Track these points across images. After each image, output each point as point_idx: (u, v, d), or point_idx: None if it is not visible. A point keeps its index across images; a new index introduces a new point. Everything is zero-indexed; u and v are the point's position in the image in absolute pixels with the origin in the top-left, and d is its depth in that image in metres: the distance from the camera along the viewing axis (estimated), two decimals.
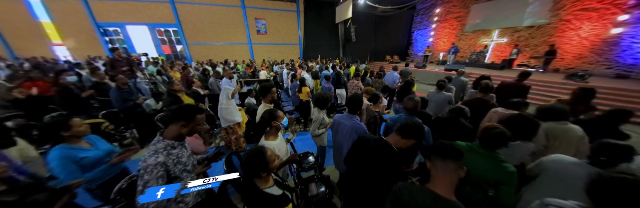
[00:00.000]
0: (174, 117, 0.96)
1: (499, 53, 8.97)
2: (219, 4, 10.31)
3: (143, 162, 0.89)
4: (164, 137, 0.96)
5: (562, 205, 0.72)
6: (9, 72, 3.91)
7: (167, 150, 0.93)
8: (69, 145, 1.09)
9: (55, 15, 8.47)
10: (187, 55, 10.67)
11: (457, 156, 0.73)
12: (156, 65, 5.17)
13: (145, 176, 0.87)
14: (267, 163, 0.82)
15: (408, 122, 1.04)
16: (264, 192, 0.83)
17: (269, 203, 0.81)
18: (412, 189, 0.78)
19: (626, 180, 0.58)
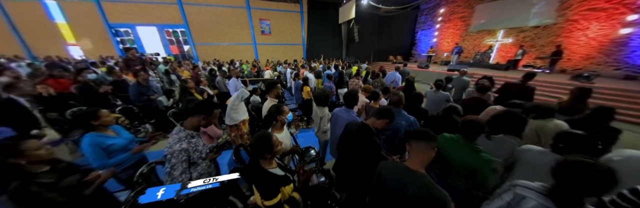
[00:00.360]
0: (196, 111, 1.09)
1: (504, 53, 8.87)
2: (225, 5, 10.54)
3: (169, 148, 1.03)
4: (185, 127, 1.11)
5: (527, 185, 0.82)
6: (29, 70, 4.18)
7: (187, 139, 1.08)
8: (97, 132, 1.25)
9: (69, 16, 8.85)
10: (194, 55, 10.94)
11: (428, 138, 0.86)
12: (165, 65, 5.40)
13: (172, 160, 1.02)
14: (271, 146, 0.94)
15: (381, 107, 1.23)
16: (268, 171, 0.94)
17: (273, 181, 0.92)
18: (390, 165, 0.94)
19: (584, 163, 0.66)
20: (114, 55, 9.26)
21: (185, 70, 5.22)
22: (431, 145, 0.86)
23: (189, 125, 1.11)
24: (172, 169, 1.02)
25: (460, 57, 9.66)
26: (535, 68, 7.61)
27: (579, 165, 0.67)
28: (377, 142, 1.20)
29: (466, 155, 1.10)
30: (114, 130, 1.34)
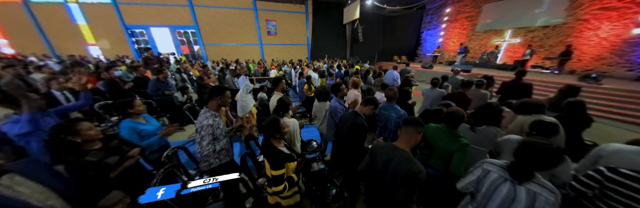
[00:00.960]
0: (212, 94, 1.42)
1: (511, 53, 8.72)
2: (233, 6, 10.88)
3: (199, 123, 1.35)
4: (209, 109, 1.43)
5: (493, 162, 0.97)
6: (59, 68, 4.58)
7: (212, 117, 1.40)
8: (132, 119, 1.49)
9: (90, 18, 9.41)
10: (203, 55, 11.35)
11: (416, 124, 1.04)
12: (177, 64, 5.73)
13: (202, 132, 1.34)
14: (279, 128, 1.16)
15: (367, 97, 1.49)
16: (277, 148, 1.17)
17: (280, 156, 1.14)
18: (381, 144, 1.15)
19: (538, 143, 0.81)
20: (129, 54, 9.78)
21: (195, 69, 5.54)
22: (418, 129, 1.03)
23: (212, 107, 1.43)
24: (202, 140, 1.34)
25: (466, 57, 9.56)
26: (544, 69, 7.46)
27: (534, 145, 0.81)
28: (361, 121, 1.46)
29: (448, 140, 1.29)
30: (144, 118, 1.58)
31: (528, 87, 2.75)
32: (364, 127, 1.44)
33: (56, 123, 1.09)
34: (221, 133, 1.45)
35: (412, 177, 0.95)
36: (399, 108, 1.85)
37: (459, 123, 1.31)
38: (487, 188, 0.94)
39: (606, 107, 4.35)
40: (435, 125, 1.42)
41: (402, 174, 0.97)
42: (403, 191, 1.01)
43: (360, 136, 1.48)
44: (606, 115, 4.13)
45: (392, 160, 1.03)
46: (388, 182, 1.06)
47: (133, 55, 10.03)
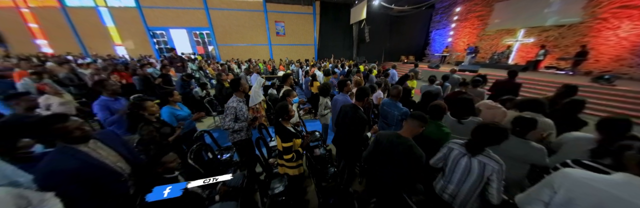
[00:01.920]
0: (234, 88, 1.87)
1: (524, 54, 8.42)
2: (245, 9, 11.37)
3: (227, 105, 1.78)
4: (236, 96, 1.87)
5: (456, 141, 1.19)
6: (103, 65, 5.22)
7: (237, 102, 1.81)
8: (170, 106, 1.92)
9: (117, 21, 10.27)
10: (217, 55, 11.97)
11: (421, 119, 1.19)
12: (193, 62, 6.23)
13: (227, 111, 1.76)
14: (287, 111, 1.48)
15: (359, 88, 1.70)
16: (286, 127, 1.48)
17: (288, 133, 1.46)
18: (386, 133, 1.35)
19: (488, 124, 1.03)
20: (151, 54, 10.56)
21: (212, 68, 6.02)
22: (422, 124, 1.19)
23: (239, 95, 1.90)
24: (226, 116, 1.78)
25: (476, 57, 9.35)
26: (558, 69, 7.17)
27: (484, 125, 1.04)
28: (362, 114, 1.65)
29: (435, 130, 1.47)
30: (179, 105, 2.01)
31: (518, 86, 2.84)
32: (364, 120, 1.63)
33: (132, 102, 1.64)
34: (242, 115, 1.84)
35: (417, 161, 1.14)
36: (402, 106, 1.99)
37: (441, 115, 1.52)
38: (451, 162, 1.16)
39: (618, 108, 4.22)
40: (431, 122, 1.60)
41: (408, 158, 1.17)
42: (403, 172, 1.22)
43: (361, 128, 1.66)
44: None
45: (399, 147, 1.20)
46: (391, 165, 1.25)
47: (154, 54, 10.81)
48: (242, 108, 1.81)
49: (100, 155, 1.06)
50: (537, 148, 1.22)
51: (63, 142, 0.96)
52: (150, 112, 1.56)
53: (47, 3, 9.54)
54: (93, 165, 1.00)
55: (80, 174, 0.95)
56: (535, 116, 1.55)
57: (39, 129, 0.94)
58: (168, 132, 1.60)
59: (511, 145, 1.24)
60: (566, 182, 0.76)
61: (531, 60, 7.64)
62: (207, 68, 5.81)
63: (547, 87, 5.30)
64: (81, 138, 0.99)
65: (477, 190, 1.09)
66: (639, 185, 0.64)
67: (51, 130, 0.92)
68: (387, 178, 1.31)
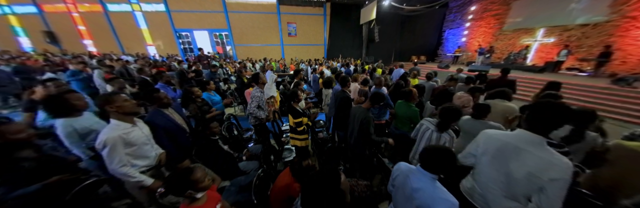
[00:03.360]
0: (255, 80, 2.32)
1: (544, 54, 7.98)
2: (260, 11, 12.02)
3: (252, 94, 2.25)
4: (259, 87, 2.33)
5: (428, 120, 1.50)
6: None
7: (259, 92, 2.28)
8: (207, 92, 2.52)
9: (149, 24, 11.45)
10: (234, 54, 12.81)
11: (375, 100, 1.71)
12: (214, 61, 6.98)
13: (251, 99, 2.24)
14: (297, 96, 2.01)
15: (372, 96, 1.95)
16: (296, 108, 1.99)
17: (297, 112, 1.95)
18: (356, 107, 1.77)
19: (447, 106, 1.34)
20: (177, 53, 11.63)
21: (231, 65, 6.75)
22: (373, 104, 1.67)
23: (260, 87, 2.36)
24: (251, 103, 2.24)
25: (490, 57, 9.03)
26: (581, 71, 6.75)
27: (446, 107, 1.38)
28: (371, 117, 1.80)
29: (406, 110, 1.96)
30: (213, 93, 2.61)
31: (512, 83, 2.99)
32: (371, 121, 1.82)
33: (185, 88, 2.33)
34: (262, 103, 2.36)
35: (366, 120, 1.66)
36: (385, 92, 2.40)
37: (410, 98, 1.98)
38: (421, 135, 1.54)
39: (637, 112, 4.02)
40: (400, 101, 2.09)
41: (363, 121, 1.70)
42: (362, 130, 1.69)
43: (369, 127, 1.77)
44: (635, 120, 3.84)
45: (358, 115, 1.77)
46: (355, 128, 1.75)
47: (180, 54, 11.89)
48: (263, 97, 2.33)
49: (175, 117, 1.65)
50: (492, 125, 1.47)
51: (157, 106, 1.57)
52: (196, 95, 2.23)
53: (93, 8, 10.93)
54: (171, 121, 1.60)
55: (165, 126, 1.52)
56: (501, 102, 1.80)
57: (146, 97, 1.56)
58: (207, 110, 2.30)
59: (471, 125, 1.54)
60: (483, 138, 1.06)
61: (551, 61, 7.26)
62: (227, 66, 6.53)
63: (574, 90, 4.94)
64: (166, 105, 1.59)
65: None
66: (522, 135, 0.91)
67: (153, 97, 1.54)
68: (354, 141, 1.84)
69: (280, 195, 1.02)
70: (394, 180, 1.00)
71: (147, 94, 1.54)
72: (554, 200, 0.79)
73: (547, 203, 0.81)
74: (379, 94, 1.73)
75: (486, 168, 1.02)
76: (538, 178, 0.82)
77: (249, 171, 1.57)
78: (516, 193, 0.92)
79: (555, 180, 0.79)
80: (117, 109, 1.16)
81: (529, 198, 0.88)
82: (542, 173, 0.81)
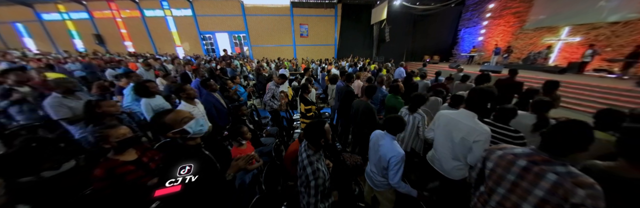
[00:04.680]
0: (270, 77, 2.92)
1: (568, 54, 7.45)
2: (275, 14, 12.62)
3: (268, 86, 2.95)
4: (275, 82, 2.93)
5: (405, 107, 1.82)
6: None
7: (275, 86, 2.91)
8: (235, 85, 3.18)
9: (178, 27, 12.69)
10: (250, 54, 13.68)
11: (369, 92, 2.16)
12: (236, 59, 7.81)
13: (268, 90, 2.89)
14: (307, 88, 2.55)
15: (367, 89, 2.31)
16: (306, 98, 2.52)
17: (307, 101, 2.48)
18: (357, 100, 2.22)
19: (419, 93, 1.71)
20: (201, 53, 12.77)
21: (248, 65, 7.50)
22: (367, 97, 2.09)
23: (276, 81, 2.91)
24: (267, 94, 2.78)
25: (509, 57, 8.65)
26: (609, 72, 6.27)
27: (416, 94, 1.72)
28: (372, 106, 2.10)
29: (394, 101, 2.26)
30: (239, 85, 3.26)
31: (519, 85, 2.99)
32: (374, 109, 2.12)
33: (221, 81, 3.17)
34: (277, 94, 2.86)
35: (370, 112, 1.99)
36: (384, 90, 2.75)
37: (397, 91, 2.27)
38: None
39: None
40: (390, 94, 2.40)
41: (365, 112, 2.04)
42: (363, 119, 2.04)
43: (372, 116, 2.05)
44: None
45: (361, 106, 2.11)
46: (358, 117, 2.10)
47: (203, 54, 13.03)
48: (277, 90, 2.86)
49: (219, 99, 2.30)
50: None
51: (209, 90, 2.23)
52: (229, 86, 2.98)
53: (133, 14, 12.42)
54: (217, 100, 2.25)
55: (215, 104, 2.15)
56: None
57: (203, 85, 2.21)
58: (237, 98, 3.01)
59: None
60: (437, 116, 1.43)
61: (574, 62, 6.81)
62: (245, 65, 7.27)
63: (594, 92, 4.65)
64: (214, 90, 2.28)
65: (413, 133, 1.84)
66: (462, 112, 1.25)
67: (207, 85, 2.14)
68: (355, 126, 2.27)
69: (290, 156, 1.42)
70: (371, 141, 1.38)
71: (203, 83, 2.28)
72: (477, 156, 1.12)
73: (473, 158, 1.16)
74: (371, 87, 2.15)
75: (439, 138, 1.38)
76: (467, 141, 1.17)
77: (267, 144, 2.01)
78: (458, 154, 1.26)
79: (477, 141, 1.13)
80: (186, 95, 1.79)
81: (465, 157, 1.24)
82: (470, 136, 1.16)
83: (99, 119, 1.43)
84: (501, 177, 0.85)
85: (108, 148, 1.01)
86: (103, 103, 1.49)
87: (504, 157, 0.85)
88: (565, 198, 0.69)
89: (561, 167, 0.73)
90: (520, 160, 0.81)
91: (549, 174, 0.73)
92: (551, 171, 0.73)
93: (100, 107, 1.44)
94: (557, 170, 0.72)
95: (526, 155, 0.81)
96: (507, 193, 0.83)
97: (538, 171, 0.76)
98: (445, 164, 1.34)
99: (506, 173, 0.84)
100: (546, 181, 0.73)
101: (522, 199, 0.79)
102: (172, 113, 0.88)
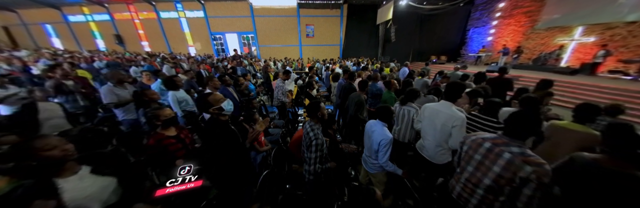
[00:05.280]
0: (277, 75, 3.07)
1: (582, 55, 7.21)
2: (282, 15, 12.88)
3: (276, 83, 3.20)
4: (281, 79, 3.19)
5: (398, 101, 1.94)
6: None
7: (282, 82, 3.15)
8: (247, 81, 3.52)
9: (191, 27, 13.28)
10: (258, 54, 14.08)
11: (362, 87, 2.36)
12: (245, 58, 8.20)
13: (277, 88, 3.14)
14: (312, 84, 2.74)
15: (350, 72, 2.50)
16: (310, 93, 3.12)
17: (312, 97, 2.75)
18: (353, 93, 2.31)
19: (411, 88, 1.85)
20: (211, 53, 13.30)
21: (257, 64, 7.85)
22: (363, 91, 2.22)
23: (283, 78, 3.15)
24: (277, 90, 3.07)
25: (519, 57, 8.46)
26: (625, 74, 6.04)
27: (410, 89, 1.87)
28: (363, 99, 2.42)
29: (387, 95, 2.49)
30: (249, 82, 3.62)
31: (509, 81, 3.11)
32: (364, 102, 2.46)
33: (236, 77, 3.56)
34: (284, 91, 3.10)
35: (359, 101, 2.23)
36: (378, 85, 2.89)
37: (390, 87, 2.48)
38: (396, 114, 1.99)
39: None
40: (385, 90, 2.60)
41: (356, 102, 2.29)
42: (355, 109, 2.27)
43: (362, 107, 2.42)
44: None
45: (353, 98, 2.36)
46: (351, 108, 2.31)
47: (214, 54, 13.56)
48: (284, 87, 3.09)
49: (232, 92, 2.65)
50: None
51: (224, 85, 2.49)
52: (241, 82, 3.23)
53: (150, 16, 13.11)
54: (231, 93, 2.56)
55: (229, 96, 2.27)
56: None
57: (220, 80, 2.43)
58: (248, 93, 3.27)
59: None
60: (423, 108, 1.61)
61: (587, 63, 6.61)
62: (254, 64, 7.67)
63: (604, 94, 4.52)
64: (229, 85, 2.61)
65: (408, 126, 1.96)
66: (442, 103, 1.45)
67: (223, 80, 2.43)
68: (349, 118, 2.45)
69: (295, 142, 1.68)
70: (366, 130, 1.59)
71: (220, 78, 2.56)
72: (456, 139, 1.32)
73: (453, 141, 1.37)
74: (363, 81, 2.42)
75: (425, 127, 1.58)
76: (447, 127, 1.37)
77: (275, 134, 2.28)
78: (440, 140, 1.45)
79: (455, 126, 1.33)
80: (212, 85, 2.16)
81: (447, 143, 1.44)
82: (449, 122, 1.36)
83: (147, 104, 1.82)
84: (471, 157, 0.99)
85: (157, 125, 1.32)
86: (147, 92, 1.89)
87: (475, 141, 0.99)
88: (515, 173, 0.82)
89: (516, 148, 0.86)
90: (486, 143, 0.94)
91: (505, 153, 0.87)
92: (507, 151, 0.86)
93: (146, 95, 1.84)
94: (512, 150, 0.86)
95: (491, 139, 0.94)
96: (474, 170, 0.97)
97: (498, 151, 0.89)
98: (430, 150, 1.54)
99: (475, 153, 0.97)
100: (502, 159, 0.87)
101: (484, 175, 0.92)
102: (212, 95, 1.22)
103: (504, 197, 0.89)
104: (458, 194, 1.05)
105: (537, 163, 0.80)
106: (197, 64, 5.13)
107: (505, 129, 0.92)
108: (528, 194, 0.80)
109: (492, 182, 0.90)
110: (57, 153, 0.76)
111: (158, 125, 1.31)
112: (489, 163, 0.91)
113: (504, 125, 0.93)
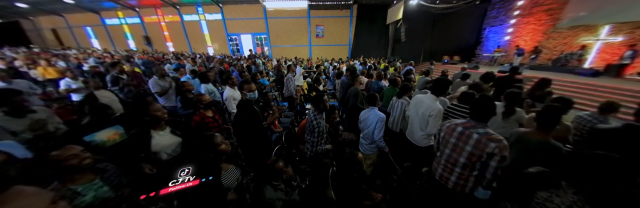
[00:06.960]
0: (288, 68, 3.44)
1: (608, 56, 6.72)
2: (293, 16, 13.22)
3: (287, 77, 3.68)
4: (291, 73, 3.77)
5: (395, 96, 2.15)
6: None
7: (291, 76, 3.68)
8: (263, 78, 4.05)
9: (210, 29, 14.21)
10: (270, 54, 14.70)
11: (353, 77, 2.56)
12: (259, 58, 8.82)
13: (287, 81, 3.65)
14: (319, 80, 3.11)
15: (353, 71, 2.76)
16: (318, 87, 3.09)
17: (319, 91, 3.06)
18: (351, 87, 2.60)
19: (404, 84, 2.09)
20: (227, 53, 14.17)
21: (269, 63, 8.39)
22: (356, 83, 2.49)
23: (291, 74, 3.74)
24: (285, 84, 3.61)
25: (537, 58, 8.07)
26: None
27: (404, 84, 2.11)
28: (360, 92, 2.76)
29: (391, 91, 2.67)
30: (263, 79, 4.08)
31: (519, 82, 3.06)
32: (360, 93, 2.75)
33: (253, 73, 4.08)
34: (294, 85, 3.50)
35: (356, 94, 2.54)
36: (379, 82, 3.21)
37: (396, 84, 2.66)
38: (392, 106, 2.21)
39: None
40: (389, 86, 2.85)
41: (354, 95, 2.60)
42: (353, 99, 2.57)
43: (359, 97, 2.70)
44: None
45: (351, 91, 2.67)
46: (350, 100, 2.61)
47: (230, 54, 14.43)
48: (293, 81, 3.46)
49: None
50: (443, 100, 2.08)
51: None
52: (258, 78, 3.62)
53: (174, 19, 14.23)
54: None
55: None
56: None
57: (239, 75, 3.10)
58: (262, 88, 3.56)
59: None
60: (413, 98, 1.86)
61: (613, 64, 6.20)
62: (267, 63, 8.23)
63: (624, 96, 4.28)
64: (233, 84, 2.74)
65: (401, 116, 2.15)
66: (428, 95, 1.66)
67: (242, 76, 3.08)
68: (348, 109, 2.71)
69: (302, 128, 2.01)
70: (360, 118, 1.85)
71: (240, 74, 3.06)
72: (432, 127, 1.58)
73: (430, 128, 1.62)
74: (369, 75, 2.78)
75: (411, 114, 1.84)
76: (425, 115, 1.62)
77: (284, 122, 2.67)
78: (422, 126, 1.70)
79: (432, 115, 1.57)
80: (232, 82, 2.43)
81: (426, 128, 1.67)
82: (427, 111, 1.60)
83: (183, 93, 2.39)
84: (447, 141, 1.15)
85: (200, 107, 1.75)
86: (185, 83, 2.45)
87: (449, 127, 1.16)
88: (483, 150, 0.99)
89: (481, 129, 1.03)
90: (459, 127, 1.11)
91: (474, 135, 1.03)
92: (475, 132, 1.03)
93: (184, 86, 2.42)
94: (478, 131, 1.03)
95: (462, 123, 1.12)
96: (451, 152, 1.13)
97: (468, 133, 1.06)
98: (415, 135, 1.80)
99: (450, 137, 1.14)
100: (472, 139, 1.03)
101: (459, 155, 1.09)
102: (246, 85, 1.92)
103: (476, 171, 1.07)
104: (440, 175, 1.22)
105: (498, 139, 0.99)
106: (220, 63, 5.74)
107: (472, 114, 1.11)
108: (494, 166, 0.98)
109: (466, 159, 1.06)
110: (160, 114, 1.33)
111: (199, 107, 1.74)
112: (462, 144, 1.08)
113: (471, 110, 1.13)
